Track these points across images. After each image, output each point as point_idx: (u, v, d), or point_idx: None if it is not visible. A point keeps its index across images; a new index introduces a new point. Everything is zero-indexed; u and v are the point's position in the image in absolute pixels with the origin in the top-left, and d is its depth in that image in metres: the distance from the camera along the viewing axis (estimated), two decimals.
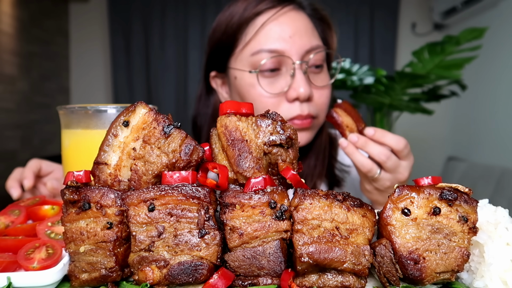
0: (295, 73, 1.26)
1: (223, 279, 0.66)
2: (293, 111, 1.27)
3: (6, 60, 4.58)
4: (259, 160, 0.72)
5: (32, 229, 0.83)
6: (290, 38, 1.26)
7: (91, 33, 5.94)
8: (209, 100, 1.49)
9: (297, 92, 1.24)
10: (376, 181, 1.19)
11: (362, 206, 0.69)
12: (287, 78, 1.27)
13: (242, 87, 1.32)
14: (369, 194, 1.26)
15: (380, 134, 1.16)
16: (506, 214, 0.74)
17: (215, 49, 1.39)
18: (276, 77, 1.28)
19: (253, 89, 1.29)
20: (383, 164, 1.15)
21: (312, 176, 1.43)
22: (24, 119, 4.94)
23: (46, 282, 0.66)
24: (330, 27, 1.41)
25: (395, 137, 1.16)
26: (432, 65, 3.27)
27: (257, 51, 1.26)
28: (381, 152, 1.15)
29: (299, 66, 1.26)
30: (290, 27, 1.27)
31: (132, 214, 0.67)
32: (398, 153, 1.16)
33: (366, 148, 1.16)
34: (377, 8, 5.45)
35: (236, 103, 0.75)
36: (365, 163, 1.16)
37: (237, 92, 1.35)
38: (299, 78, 1.25)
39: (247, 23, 1.29)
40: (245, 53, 1.30)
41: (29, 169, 1.26)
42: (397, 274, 0.68)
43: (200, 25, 5.59)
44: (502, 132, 4.13)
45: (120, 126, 0.73)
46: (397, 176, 1.17)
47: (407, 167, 1.18)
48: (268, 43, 1.26)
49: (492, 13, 4.33)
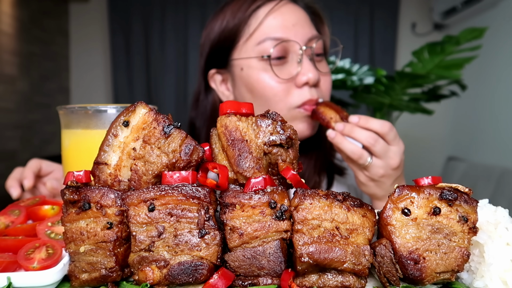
0: (303, 59, 1.29)
1: (223, 279, 0.66)
2: (304, 96, 1.29)
3: (6, 60, 4.58)
4: (259, 160, 0.72)
5: (32, 229, 0.83)
6: (293, 26, 1.30)
7: (91, 33, 5.94)
8: (207, 100, 1.50)
9: (307, 76, 1.27)
10: (368, 170, 1.20)
11: (362, 206, 0.69)
12: (294, 65, 1.30)
13: (250, 77, 1.33)
14: (366, 188, 1.26)
15: (365, 120, 1.17)
16: (506, 214, 0.74)
17: (215, 46, 1.40)
18: (283, 65, 1.31)
19: (263, 76, 1.30)
20: (371, 148, 1.16)
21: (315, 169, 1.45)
22: (24, 119, 4.94)
23: (46, 282, 0.66)
24: (322, 21, 1.45)
25: (379, 121, 1.17)
26: (432, 65, 3.27)
27: (263, 39, 1.29)
28: (368, 136, 1.15)
29: (305, 52, 1.29)
30: (292, 17, 1.31)
31: (132, 214, 0.67)
32: (384, 136, 1.17)
33: (353, 133, 1.17)
34: (377, 8, 5.45)
35: (236, 103, 0.75)
36: (355, 150, 1.17)
37: (244, 84, 1.35)
38: (307, 64, 1.28)
39: (249, 16, 1.33)
40: (249, 44, 1.32)
41: (29, 169, 1.26)
42: (397, 274, 0.68)
43: (200, 25, 5.59)
44: (502, 132, 4.13)
45: (120, 126, 0.73)
46: (389, 162, 1.17)
47: (397, 152, 1.18)
48: (273, 31, 1.29)
49: (492, 13, 4.33)
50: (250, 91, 1.34)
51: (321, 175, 1.48)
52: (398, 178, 1.23)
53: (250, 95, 1.35)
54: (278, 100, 1.30)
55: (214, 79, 1.46)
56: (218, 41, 1.39)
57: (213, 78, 1.46)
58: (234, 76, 1.39)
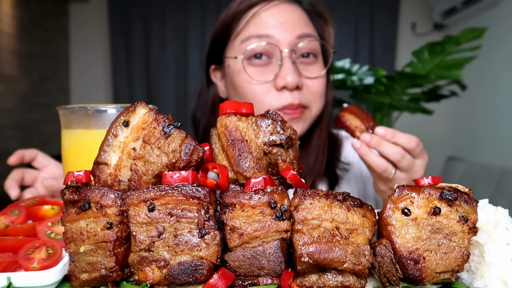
0: (283, 62, 1.26)
1: (223, 279, 0.66)
2: (283, 99, 1.26)
3: (6, 60, 4.58)
4: (259, 160, 0.72)
5: (32, 229, 0.83)
6: (279, 24, 1.28)
7: (91, 33, 5.94)
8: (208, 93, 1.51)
9: (285, 80, 1.24)
10: (391, 181, 1.17)
11: (362, 206, 0.69)
12: (275, 67, 1.28)
13: (233, 75, 1.34)
14: (384, 195, 1.24)
15: (391, 134, 1.14)
16: (506, 214, 0.74)
17: (214, 42, 1.42)
18: (266, 66, 1.30)
19: (241, 75, 1.30)
20: (398, 163, 1.13)
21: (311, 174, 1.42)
22: (24, 119, 4.94)
23: (46, 282, 0.66)
24: (327, 22, 1.42)
25: (407, 136, 1.14)
26: (432, 65, 3.27)
27: (247, 37, 1.29)
28: (395, 152, 1.12)
29: (287, 54, 1.27)
30: (281, 16, 1.29)
31: (132, 214, 0.67)
32: (411, 151, 1.14)
33: (380, 147, 1.14)
34: (377, 8, 5.45)
35: (236, 103, 0.75)
36: (380, 163, 1.13)
37: (230, 81, 1.37)
38: (287, 67, 1.26)
39: (241, 15, 1.33)
40: (236, 42, 1.32)
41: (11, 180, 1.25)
42: (397, 274, 0.68)
43: (200, 25, 5.59)
44: (502, 132, 4.13)
45: (120, 126, 0.73)
46: (412, 175, 1.15)
47: (422, 166, 1.16)
48: (257, 29, 1.28)
49: (492, 13, 4.34)
50: (234, 90, 1.35)
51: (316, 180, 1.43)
52: None
53: (234, 93, 1.35)
54: (257, 101, 1.28)
55: (215, 74, 1.48)
56: (215, 37, 1.41)
57: (214, 73, 1.48)
58: (225, 73, 1.41)
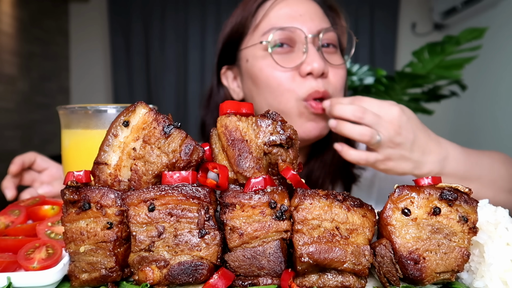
0: (308, 48, 1.23)
1: (223, 279, 0.66)
2: (309, 86, 1.22)
3: (6, 60, 4.58)
4: (259, 160, 0.72)
5: (32, 229, 0.83)
6: (300, 16, 1.26)
7: (91, 33, 5.94)
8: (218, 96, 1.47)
9: (311, 66, 1.21)
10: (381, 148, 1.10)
11: (362, 206, 0.69)
12: (299, 54, 1.25)
13: (254, 66, 1.29)
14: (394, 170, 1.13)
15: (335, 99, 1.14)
16: (506, 214, 0.74)
17: (226, 41, 1.39)
18: (289, 54, 1.26)
19: (266, 64, 1.26)
20: (361, 121, 1.08)
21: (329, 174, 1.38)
22: (24, 119, 4.94)
23: (46, 282, 0.66)
24: (339, 16, 1.40)
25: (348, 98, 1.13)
26: (432, 65, 3.27)
27: (268, 30, 1.26)
28: (354, 109, 1.08)
29: (311, 40, 1.24)
30: (300, 8, 1.28)
31: (132, 214, 0.67)
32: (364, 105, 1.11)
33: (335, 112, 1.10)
34: (377, 8, 5.46)
35: (236, 103, 0.75)
36: (363, 130, 1.08)
37: (249, 76, 1.32)
38: (313, 53, 1.23)
39: (256, 9, 1.31)
40: (256, 35, 1.29)
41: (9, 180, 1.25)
42: (397, 274, 0.68)
43: (200, 25, 5.59)
44: (502, 132, 4.13)
45: (120, 126, 0.73)
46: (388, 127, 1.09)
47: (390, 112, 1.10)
48: (279, 22, 1.26)
49: (492, 13, 4.33)
50: (255, 83, 1.30)
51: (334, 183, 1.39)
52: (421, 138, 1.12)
53: (255, 88, 1.30)
54: (283, 90, 1.24)
55: (226, 76, 1.44)
56: (228, 36, 1.38)
57: (225, 75, 1.44)
58: (241, 70, 1.37)
